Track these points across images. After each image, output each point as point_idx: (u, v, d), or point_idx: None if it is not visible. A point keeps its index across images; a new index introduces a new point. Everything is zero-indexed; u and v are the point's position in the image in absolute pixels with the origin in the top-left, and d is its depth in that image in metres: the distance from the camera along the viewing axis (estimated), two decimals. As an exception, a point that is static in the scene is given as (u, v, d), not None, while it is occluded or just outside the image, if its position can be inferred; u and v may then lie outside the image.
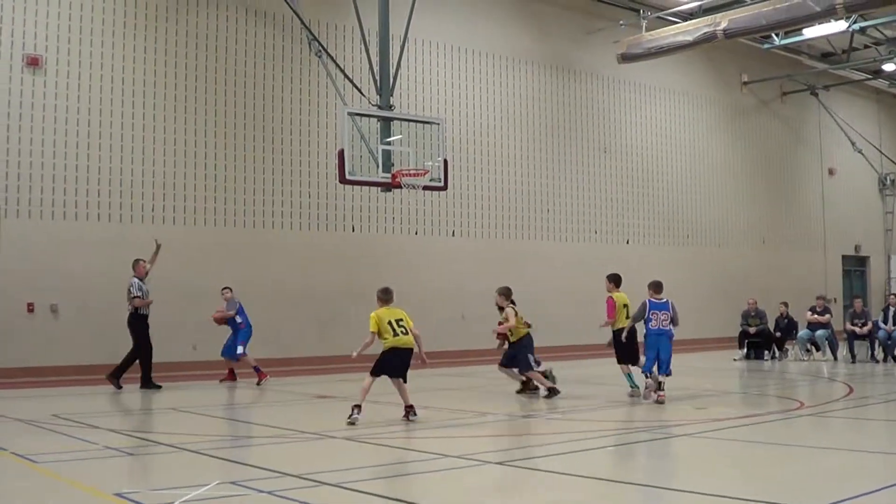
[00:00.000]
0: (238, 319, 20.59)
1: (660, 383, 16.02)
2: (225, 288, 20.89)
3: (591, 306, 28.08)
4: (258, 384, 19.92)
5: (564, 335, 27.83)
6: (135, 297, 19.16)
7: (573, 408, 15.93)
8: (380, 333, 13.60)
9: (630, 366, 17.27)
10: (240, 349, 20.40)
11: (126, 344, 19.51)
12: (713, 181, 34.83)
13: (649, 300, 16.54)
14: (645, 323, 16.38)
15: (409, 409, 13.65)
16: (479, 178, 27.72)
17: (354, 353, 13.57)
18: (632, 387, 17.06)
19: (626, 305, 17.60)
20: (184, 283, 22.08)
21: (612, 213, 31.04)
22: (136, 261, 19.58)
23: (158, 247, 19.78)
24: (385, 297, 14.00)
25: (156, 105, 22.45)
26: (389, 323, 13.64)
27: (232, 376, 20.78)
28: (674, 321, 16.42)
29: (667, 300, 16.54)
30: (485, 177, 27.89)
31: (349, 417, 13.13)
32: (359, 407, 13.25)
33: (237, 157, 23.61)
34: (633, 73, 30.59)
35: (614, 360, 17.67)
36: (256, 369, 20.30)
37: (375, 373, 13.59)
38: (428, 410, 13.91)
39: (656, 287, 16.81)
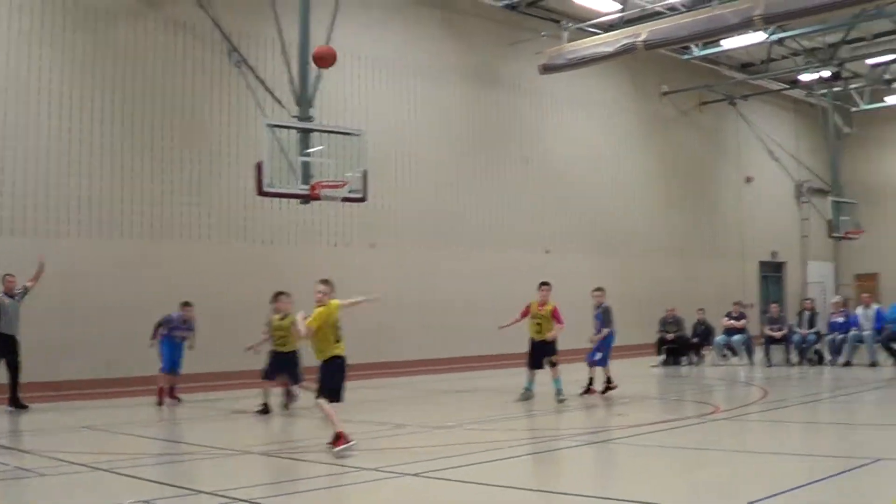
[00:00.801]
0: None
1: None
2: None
3: (514, 314, 28.40)
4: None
5: (488, 345, 27.92)
6: None
7: (491, 417, 16.02)
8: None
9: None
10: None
11: (39, 362, 19.38)
12: (633, 190, 35.16)
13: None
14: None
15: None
16: (401, 189, 27.61)
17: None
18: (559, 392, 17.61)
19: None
20: (98, 297, 21.67)
21: (533, 222, 31.15)
22: (4, 276, 18.90)
23: (42, 266, 19.01)
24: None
25: (72, 116, 22.04)
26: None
27: (172, 394, 19.74)
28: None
29: None
30: (406, 188, 27.83)
31: (342, 450, 11.68)
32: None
33: (154, 169, 23.23)
34: (554, 83, 30.71)
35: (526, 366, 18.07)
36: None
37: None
38: (349, 424, 13.93)
39: None
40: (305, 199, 21.14)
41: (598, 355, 19.39)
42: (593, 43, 26.93)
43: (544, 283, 18.70)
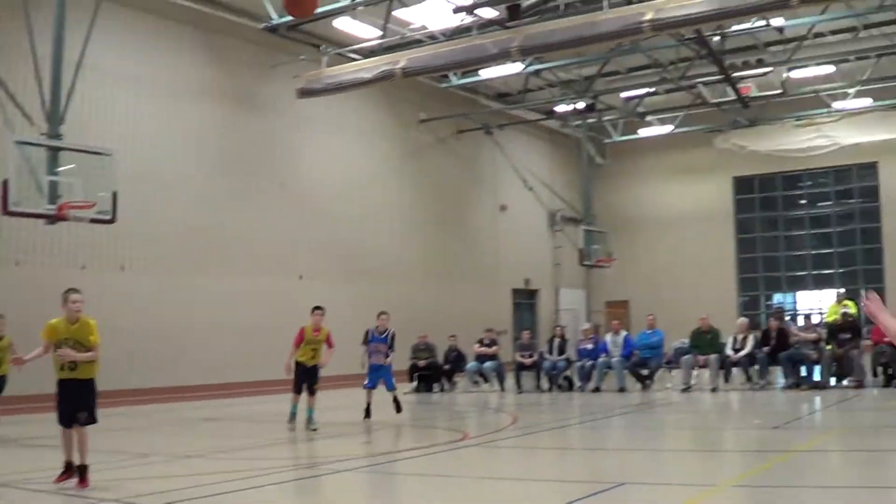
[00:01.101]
0: None
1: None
2: None
3: (265, 342, 28.09)
4: None
5: (245, 370, 27.63)
6: None
7: (241, 446, 15.73)
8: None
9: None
10: None
11: None
12: (390, 216, 35.24)
13: None
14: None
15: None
16: (155, 211, 26.75)
17: None
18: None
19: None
20: None
21: (288, 247, 30.84)
22: None
23: None
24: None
25: None
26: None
27: None
28: None
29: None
30: (161, 210, 27.01)
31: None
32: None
33: None
34: (313, 108, 30.52)
35: (282, 396, 17.82)
36: None
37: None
38: (91, 453, 13.39)
39: None
40: (52, 219, 20.26)
41: (367, 381, 19.52)
42: (352, 69, 26.89)
43: (317, 308, 18.35)
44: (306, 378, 17.80)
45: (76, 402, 11.17)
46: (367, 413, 19.02)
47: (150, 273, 26.73)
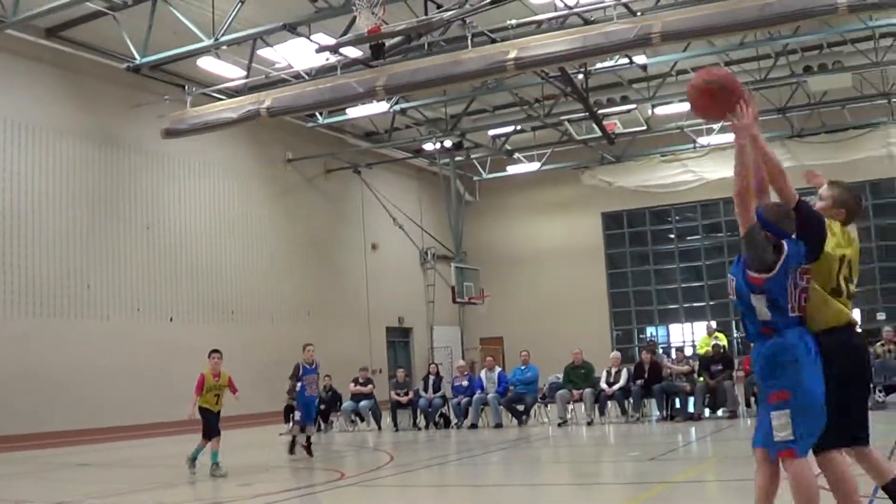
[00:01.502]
0: None
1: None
2: None
3: (135, 384, 27.59)
4: None
5: (109, 415, 27.07)
6: None
7: (114, 491, 15.30)
8: None
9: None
10: None
11: None
12: (260, 256, 34.88)
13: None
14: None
15: None
16: (15, 253, 26.24)
17: None
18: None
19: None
20: None
21: (156, 289, 30.30)
22: None
23: None
24: None
25: None
26: None
27: None
28: None
29: None
30: (23, 252, 26.45)
31: None
32: None
33: None
34: (178, 148, 30.13)
35: (154, 440, 17.37)
36: None
37: None
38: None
39: None
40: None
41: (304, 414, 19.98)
42: (217, 108, 26.60)
43: (214, 351, 17.72)
44: (216, 423, 17.19)
45: None
46: (296, 449, 19.89)
47: (17, 315, 26.02)
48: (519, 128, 38.25)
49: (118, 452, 23.02)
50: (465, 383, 26.91)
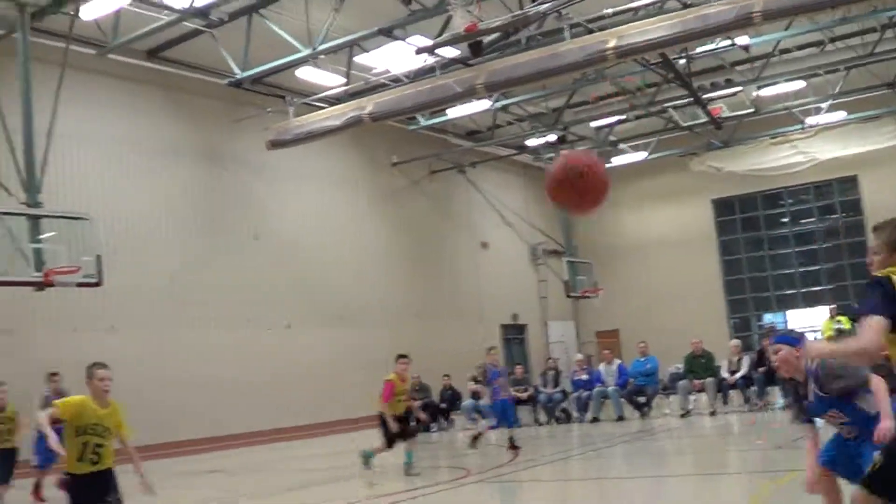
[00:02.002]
0: None
1: None
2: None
3: (254, 393, 27.88)
4: None
5: (233, 424, 27.43)
6: None
7: (242, 495, 15.49)
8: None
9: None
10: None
11: None
12: (369, 260, 34.95)
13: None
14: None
15: None
16: (137, 270, 26.70)
17: None
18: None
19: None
20: None
21: (271, 298, 30.56)
22: None
23: None
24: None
25: None
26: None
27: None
28: None
29: None
30: (142, 269, 26.92)
31: None
32: None
33: None
34: (284, 158, 30.33)
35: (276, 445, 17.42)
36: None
37: None
38: None
39: None
40: (39, 285, 20.40)
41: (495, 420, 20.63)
42: (320, 117, 26.72)
43: (402, 357, 17.63)
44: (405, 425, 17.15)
45: (103, 495, 9.08)
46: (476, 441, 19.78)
47: (140, 331, 26.54)
48: (622, 118, 37.79)
49: (245, 458, 23.31)
50: (584, 377, 26.75)
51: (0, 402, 15.42)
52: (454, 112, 32.30)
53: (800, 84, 34.36)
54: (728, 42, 28.29)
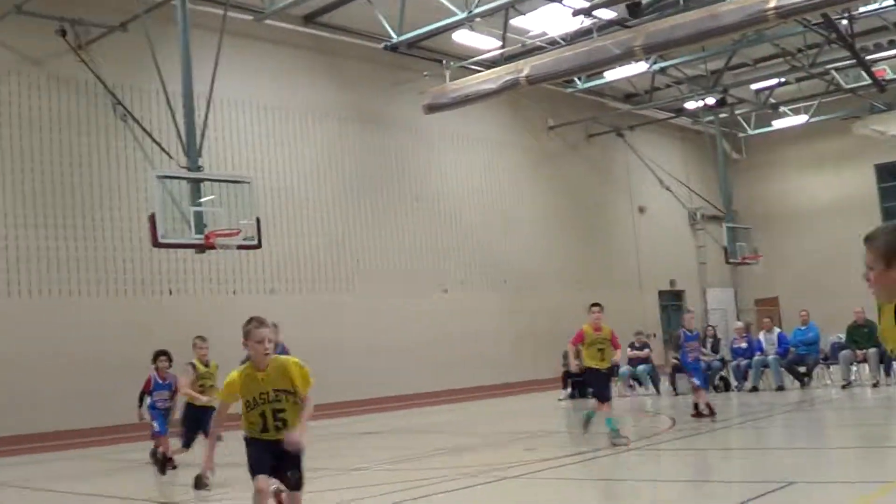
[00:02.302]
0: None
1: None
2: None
3: (413, 355, 28.11)
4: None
5: (389, 386, 27.72)
6: None
7: (404, 457, 15.61)
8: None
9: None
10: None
11: None
12: (526, 224, 34.93)
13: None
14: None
15: None
16: (294, 233, 27.31)
17: None
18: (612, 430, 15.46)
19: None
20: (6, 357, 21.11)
21: (429, 261, 30.86)
22: None
23: None
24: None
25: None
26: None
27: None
28: None
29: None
30: (299, 232, 27.50)
31: None
32: None
33: (47, 226, 22.77)
34: (440, 122, 30.48)
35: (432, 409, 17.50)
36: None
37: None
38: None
39: None
40: (201, 248, 20.81)
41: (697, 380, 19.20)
42: (476, 80, 26.66)
43: (595, 305, 16.96)
44: (606, 384, 16.40)
45: (286, 461, 8.34)
46: (702, 412, 18.54)
47: (297, 295, 27.06)
48: (783, 80, 36.94)
49: (402, 421, 23.55)
50: (743, 345, 26.26)
51: (203, 359, 15.41)
52: (612, 74, 32.03)
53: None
54: (892, 2, 27.42)
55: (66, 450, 20.41)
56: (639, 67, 31.03)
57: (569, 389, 27.90)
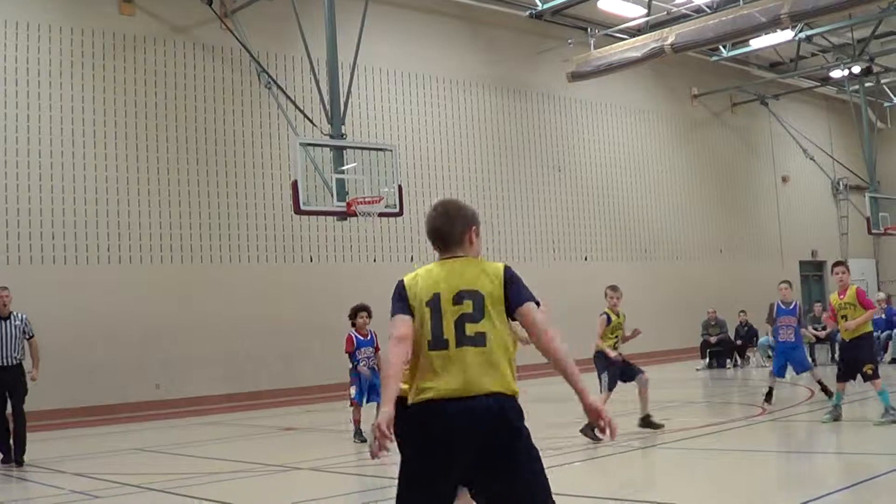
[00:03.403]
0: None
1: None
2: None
3: (554, 323, 28.27)
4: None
5: (529, 354, 28.01)
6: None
7: (543, 425, 15.95)
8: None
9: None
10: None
11: (88, 387, 19.79)
12: (668, 194, 34.99)
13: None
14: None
15: None
16: (435, 201, 27.61)
17: None
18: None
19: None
20: (144, 321, 21.85)
21: (570, 230, 31.15)
22: None
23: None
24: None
25: (106, 144, 22.24)
26: None
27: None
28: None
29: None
30: (431, 199, 27.81)
31: None
32: None
33: (191, 193, 23.46)
34: (584, 90, 30.68)
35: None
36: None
37: None
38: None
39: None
40: (342, 216, 21.11)
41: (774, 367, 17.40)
42: (621, 48, 26.86)
43: (839, 264, 15.23)
44: (857, 356, 14.31)
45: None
46: (768, 399, 16.74)
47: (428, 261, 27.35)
48: (932, 48, 36.32)
49: (544, 389, 23.88)
50: (882, 317, 26.07)
51: (614, 309, 15.35)
52: (757, 43, 31.89)
53: None
54: None
55: (208, 415, 21.09)
56: (784, 35, 30.84)
57: (706, 359, 28.06)
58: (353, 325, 15.31)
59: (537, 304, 5.99)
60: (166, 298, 22.41)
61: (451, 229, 5.84)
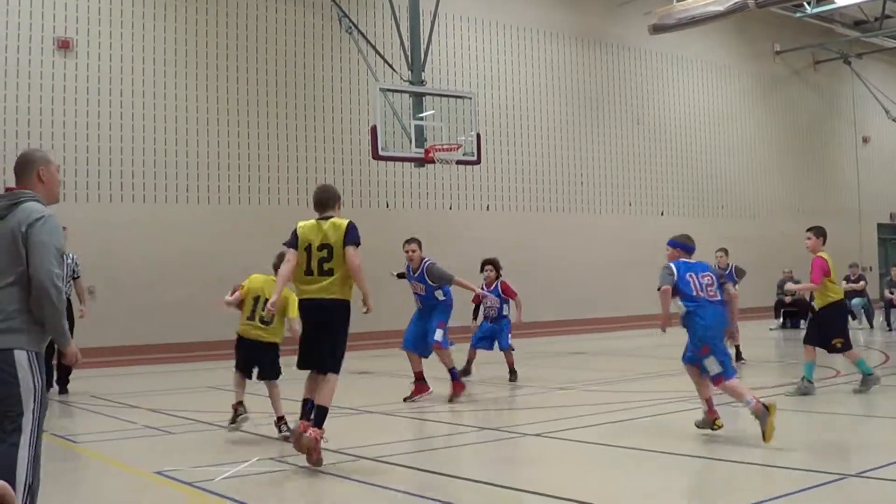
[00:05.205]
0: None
1: None
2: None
3: (626, 278, 28.27)
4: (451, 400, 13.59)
5: (600, 307, 28.08)
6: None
7: (608, 379, 15.95)
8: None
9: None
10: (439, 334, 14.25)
11: (161, 325, 19.98)
12: (746, 151, 34.60)
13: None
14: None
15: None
16: (512, 151, 27.69)
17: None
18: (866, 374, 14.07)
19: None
20: (220, 263, 21.96)
21: (646, 184, 30.97)
22: None
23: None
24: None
25: (187, 86, 22.37)
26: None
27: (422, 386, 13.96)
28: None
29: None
30: (517, 150, 27.87)
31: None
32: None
33: (269, 136, 23.58)
34: (664, 43, 30.38)
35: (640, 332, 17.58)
36: (453, 374, 13.85)
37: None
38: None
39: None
40: (420, 162, 21.30)
41: None
42: (703, 2, 26.50)
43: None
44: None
45: None
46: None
47: (515, 211, 27.58)
48: None
49: (607, 343, 23.81)
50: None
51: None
52: (842, 0, 31.31)
53: None
54: None
55: (284, 356, 21.18)
56: (871, -7, 30.34)
57: (781, 319, 27.80)
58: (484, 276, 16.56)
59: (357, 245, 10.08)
60: (244, 239, 22.46)
61: (326, 201, 10.50)
